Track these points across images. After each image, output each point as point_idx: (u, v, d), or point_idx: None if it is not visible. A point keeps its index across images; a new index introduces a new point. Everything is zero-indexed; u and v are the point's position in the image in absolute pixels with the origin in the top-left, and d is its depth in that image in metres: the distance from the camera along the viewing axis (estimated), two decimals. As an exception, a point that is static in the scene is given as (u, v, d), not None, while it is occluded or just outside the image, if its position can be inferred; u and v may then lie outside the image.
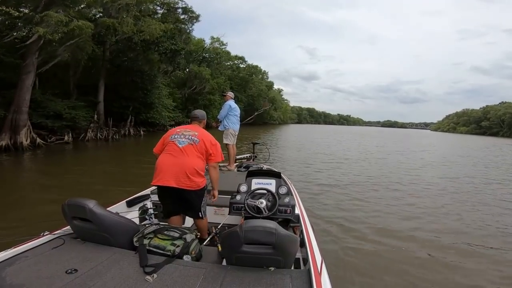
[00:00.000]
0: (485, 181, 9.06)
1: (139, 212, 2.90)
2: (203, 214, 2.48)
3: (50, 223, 2.22)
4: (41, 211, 4.35)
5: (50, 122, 13.34)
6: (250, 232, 1.48)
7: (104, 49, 19.15)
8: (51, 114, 13.67)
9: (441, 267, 3.36)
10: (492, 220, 5.15)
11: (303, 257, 2.05)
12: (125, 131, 18.63)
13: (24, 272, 1.41)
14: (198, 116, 2.63)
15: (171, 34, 17.51)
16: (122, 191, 4.77)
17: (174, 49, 17.18)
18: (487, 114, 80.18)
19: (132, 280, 1.38)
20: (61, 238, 1.80)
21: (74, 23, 9.67)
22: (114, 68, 19.52)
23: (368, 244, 3.89)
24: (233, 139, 5.30)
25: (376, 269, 3.23)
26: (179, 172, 2.25)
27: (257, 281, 1.39)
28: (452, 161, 14.40)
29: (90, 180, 6.82)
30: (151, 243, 1.71)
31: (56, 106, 13.87)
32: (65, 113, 13.91)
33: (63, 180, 6.90)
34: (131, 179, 7.07)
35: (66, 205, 1.76)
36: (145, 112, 20.66)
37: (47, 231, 1.83)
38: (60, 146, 12.80)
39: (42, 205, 4.76)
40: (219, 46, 39.09)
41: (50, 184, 6.51)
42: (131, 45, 16.45)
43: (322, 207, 5.43)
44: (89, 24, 10.02)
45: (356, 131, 58.67)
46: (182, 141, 2.35)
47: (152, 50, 17.19)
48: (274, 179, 2.68)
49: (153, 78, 20.49)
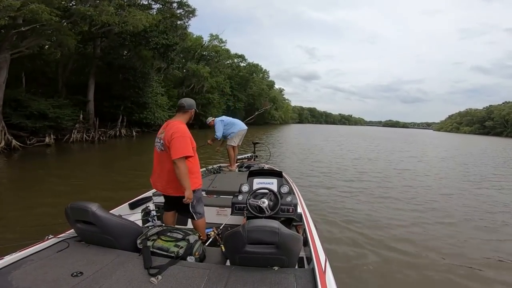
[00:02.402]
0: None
1: (141, 214, 2.94)
2: (197, 215, 2.40)
3: (53, 227, 2.25)
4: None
5: (30, 123, 12.35)
6: (253, 232, 1.48)
7: (94, 45, 18.19)
8: (33, 114, 12.70)
9: (446, 268, 3.26)
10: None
11: (307, 256, 2.04)
12: (116, 131, 17.56)
13: (30, 276, 1.41)
14: (184, 106, 2.38)
15: (163, 28, 16.43)
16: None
17: (167, 44, 16.04)
18: (490, 114, 79.84)
19: (137, 282, 1.38)
20: (66, 242, 1.80)
21: (29, 7, 8.52)
22: (105, 65, 18.52)
23: (372, 242, 3.83)
24: (238, 140, 5.24)
25: (380, 267, 3.20)
26: (162, 180, 2.31)
27: (261, 281, 1.39)
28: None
29: (55, 190, 5.78)
30: (155, 245, 1.71)
31: (39, 105, 12.87)
32: (49, 113, 12.91)
33: (32, 188, 5.95)
34: (109, 188, 6.06)
35: (69, 208, 1.77)
36: (138, 112, 19.60)
37: (51, 235, 1.82)
38: (39, 149, 11.73)
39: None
40: (218, 44, 38.05)
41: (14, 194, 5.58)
42: (120, 40, 15.38)
43: (324, 205, 5.39)
44: (45, 7, 8.83)
45: (360, 131, 57.33)
46: (158, 146, 2.32)
47: (143, 46, 16.04)
48: (275, 179, 2.64)
49: (146, 76, 19.43)
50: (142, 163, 9.16)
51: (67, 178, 6.92)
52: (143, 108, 19.81)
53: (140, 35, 15.03)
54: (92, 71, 17.55)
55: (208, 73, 31.23)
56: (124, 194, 4.26)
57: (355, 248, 3.64)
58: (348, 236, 3.99)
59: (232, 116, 5.57)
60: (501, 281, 3.02)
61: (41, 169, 8.35)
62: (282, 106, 78.52)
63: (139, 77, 19.09)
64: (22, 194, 5.52)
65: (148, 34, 15.11)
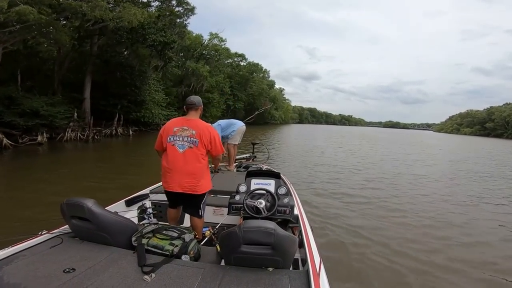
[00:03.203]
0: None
1: (138, 211, 2.91)
2: (202, 214, 2.47)
3: (48, 222, 2.26)
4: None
5: (23, 121, 12.01)
6: (249, 233, 1.47)
7: (91, 43, 17.83)
8: (26, 112, 12.37)
9: (442, 269, 3.28)
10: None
11: (302, 257, 2.03)
12: (112, 130, 17.18)
13: (22, 271, 1.40)
14: (195, 103, 2.44)
15: (161, 26, 16.08)
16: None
17: (164, 41, 15.67)
18: (491, 115, 79.67)
19: (130, 279, 1.37)
20: (59, 237, 1.77)
21: (15, 9, 8.23)
22: (102, 63, 18.17)
23: (368, 245, 3.83)
24: (239, 138, 5.19)
25: (374, 270, 3.20)
26: (182, 179, 2.31)
27: (255, 282, 1.39)
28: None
29: (33, 194, 5.39)
30: (150, 243, 1.70)
31: (32, 103, 12.53)
32: (42, 111, 12.56)
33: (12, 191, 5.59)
34: (91, 190, 5.70)
35: (64, 204, 1.75)
36: (136, 110, 19.22)
37: (45, 230, 1.79)
38: (31, 148, 11.35)
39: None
40: (218, 42, 37.71)
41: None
42: (117, 37, 15.02)
43: (321, 207, 5.35)
44: (31, 9, 8.52)
45: (362, 132, 56.73)
46: (181, 145, 2.32)
47: (140, 43, 15.67)
48: (273, 180, 2.63)
49: (143, 74, 19.07)
50: (132, 165, 8.83)
51: (53, 178, 6.62)
52: (140, 106, 19.45)
53: (137, 32, 14.68)
54: (88, 69, 17.20)
55: (207, 72, 30.91)
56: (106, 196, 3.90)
57: (350, 251, 3.63)
58: (344, 239, 3.97)
59: (231, 116, 5.54)
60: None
61: (27, 169, 8.03)
62: (283, 106, 78.15)
63: (137, 75, 18.74)
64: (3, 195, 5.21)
65: (145, 31, 14.75)
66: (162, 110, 21.79)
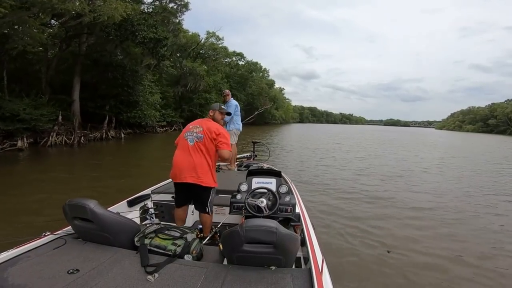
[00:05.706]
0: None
1: (140, 212, 2.92)
2: (210, 211, 2.52)
3: (51, 223, 2.25)
4: None
5: (4, 125, 11.14)
6: (251, 231, 1.47)
7: (79, 42, 16.95)
8: (7, 116, 11.52)
9: (442, 270, 3.17)
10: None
11: (304, 256, 2.02)
12: (102, 133, 16.28)
13: (26, 272, 1.40)
14: (211, 108, 2.73)
15: (152, 22, 15.18)
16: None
17: (155, 38, 14.77)
18: (493, 112, 79.30)
19: (133, 280, 1.37)
20: (63, 238, 1.78)
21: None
22: (91, 63, 17.29)
23: (370, 243, 3.75)
24: (235, 138, 5.19)
25: (377, 268, 3.14)
26: (190, 170, 2.40)
27: (258, 280, 1.39)
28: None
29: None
30: (152, 243, 1.70)
31: (12, 106, 11.66)
32: (23, 114, 11.70)
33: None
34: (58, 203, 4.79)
35: (67, 205, 1.75)
36: (127, 111, 18.28)
37: (48, 232, 1.80)
38: (9, 154, 10.44)
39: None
40: (216, 41, 36.82)
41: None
42: (105, 35, 14.13)
43: (322, 206, 5.31)
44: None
45: (364, 131, 55.70)
46: (191, 139, 2.49)
47: (129, 40, 14.77)
48: (274, 178, 2.61)
49: (136, 74, 18.16)
50: (114, 178, 7.88)
51: (24, 187, 5.89)
52: (132, 107, 18.53)
53: (126, 29, 13.78)
54: (77, 69, 16.34)
55: (205, 71, 30.04)
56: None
57: (353, 249, 3.57)
58: (346, 237, 3.90)
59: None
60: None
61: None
62: (283, 105, 77.15)
63: (128, 75, 17.84)
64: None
65: (134, 28, 13.85)
66: (156, 111, 20.89)
